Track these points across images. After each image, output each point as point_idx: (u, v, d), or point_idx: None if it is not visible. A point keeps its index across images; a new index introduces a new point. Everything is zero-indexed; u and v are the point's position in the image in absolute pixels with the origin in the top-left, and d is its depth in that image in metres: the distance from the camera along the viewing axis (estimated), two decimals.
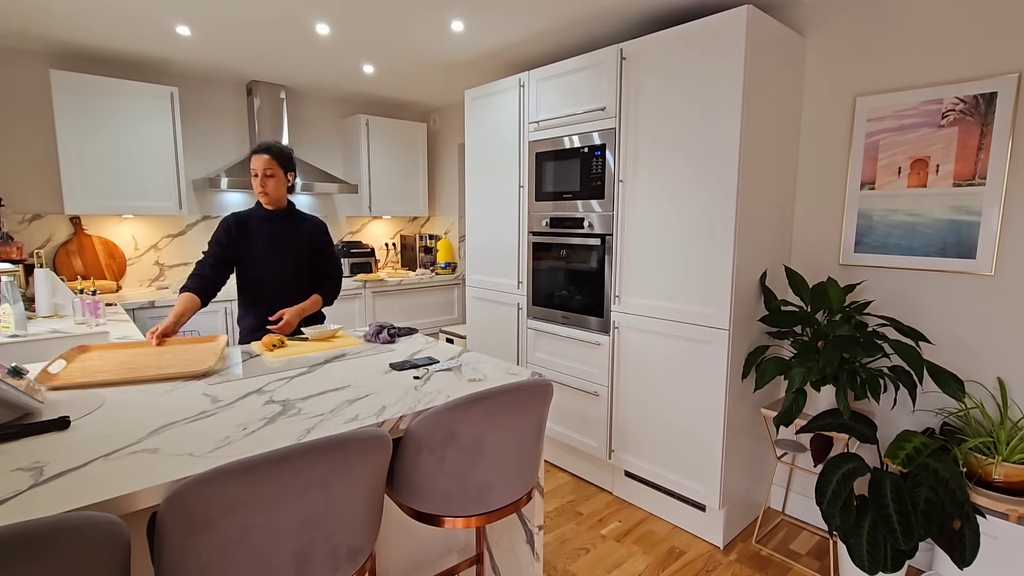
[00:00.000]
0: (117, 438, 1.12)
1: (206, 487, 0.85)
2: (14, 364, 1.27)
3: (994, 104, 1.84)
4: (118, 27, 2.66)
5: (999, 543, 1.68)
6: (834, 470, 1.84)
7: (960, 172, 1.92)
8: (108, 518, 0.78)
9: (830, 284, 2.01)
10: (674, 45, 2.16)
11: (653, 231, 2.30)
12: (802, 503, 2.44)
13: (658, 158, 2.25)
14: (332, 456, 0.96)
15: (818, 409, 2.08)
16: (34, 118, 3.06)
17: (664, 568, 2.12)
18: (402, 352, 1.87)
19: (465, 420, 1.22)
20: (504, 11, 2.45)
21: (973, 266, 1.91)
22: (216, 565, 0.89)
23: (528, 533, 1.70)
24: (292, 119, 4.04)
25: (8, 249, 2.80)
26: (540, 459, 1.46)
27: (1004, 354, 1.89)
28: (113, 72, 3.28)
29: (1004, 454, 1.70)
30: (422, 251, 4.61)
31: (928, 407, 2.07)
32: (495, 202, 3.09)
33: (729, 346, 2.09)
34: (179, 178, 3.26)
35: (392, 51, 3.03)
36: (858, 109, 2.14)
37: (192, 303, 1.97)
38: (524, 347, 3.00)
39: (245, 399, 1.37)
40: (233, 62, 3.24)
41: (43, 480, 0.94)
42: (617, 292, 2.48)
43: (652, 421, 2.39)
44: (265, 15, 2.50)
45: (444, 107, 4.58)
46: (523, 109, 2.85)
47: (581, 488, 2.73)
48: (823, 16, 2.22)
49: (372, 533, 1.12)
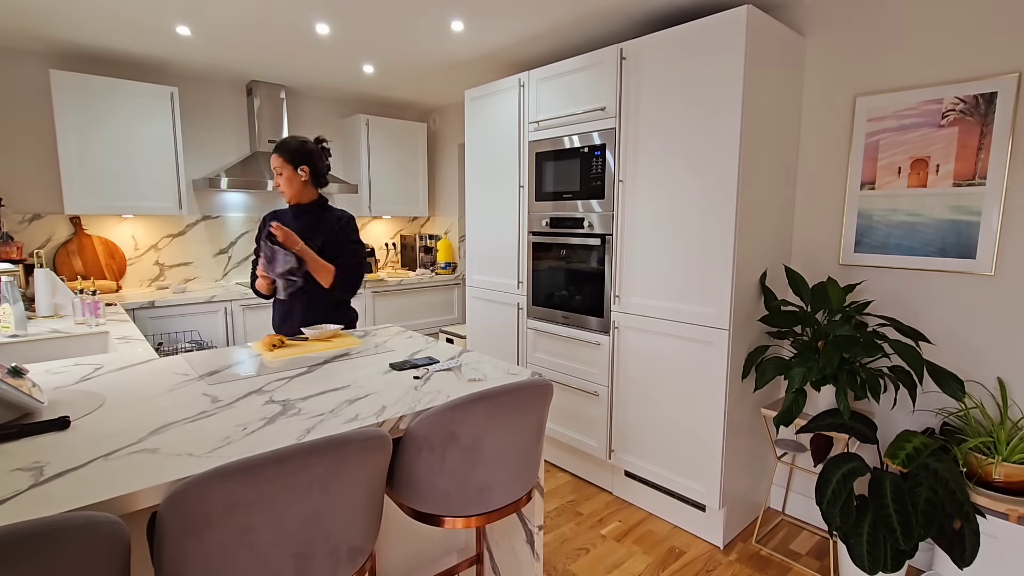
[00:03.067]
0: (117, 438, 1.12)
1: (206, 487, 0.85)
2: (14, 364, 1.26)
3: (994, 104, 1.84)
4: (118, 27, 2.66)
5: (999, 543, 1.68)
6: (834, 470, 1.84)
7: (960, 172, 1.92)
8: (108, 518, 0.78)
9: (830, 284, 2.01)
10: (674, 45, 2.16)
11: (653, 231, 2.30)
12: (802, 503, 2.44)
13: (658, 158, 2.25)
14: (332, 456, 0.96)
15: (818, 409, 2.08)
16: (34, 118, 3.06)
17: (664, 568, 2.12)
18: (402, 352, 1.87)
19: (465, 420, 1.22)
20: (504, 11, 2.45)
21: (973, 266, 1.91)
22: (216, 565, 0.89)
23: (528, 533, 1.70)
24: (292, 119, 4.04)
25: (8, 249, 2.80)
26: (540, 459, 1.46)
27: (1004, 354, 1.89)
28: (113, 72, 3.28)
29: (1004, 454, 1.70)
30: (422, 251, 4.61)
31: (928, 407, 2.07)
32: (495, 202, 3.09)
33: (729, 346, 2.09)
34: (179, 178, 3.26)
35: (392, 51, 3.03)
36: (858, 109, 2.14)
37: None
38: (524, 347, 3.00)
39: (245, 399, 1.37)
40: (233, 62, 3.24)
41: (43, 480, 0.94)
42: (617, 292, 2.48)
43: (652, 421, 2.39)
44: (265, 15, 2.50)
45: (444, 107, 4.58)
46: (523, 109, 2.85)
47: (581, 488, 2.73)
48: (823, 16, 2.22)
49: (372, 533, 1.12)
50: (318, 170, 2.07)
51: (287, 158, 2.01)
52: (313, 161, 2.05)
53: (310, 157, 2.04)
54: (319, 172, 2.08)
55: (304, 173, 2.03)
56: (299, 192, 2.06)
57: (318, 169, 2.07)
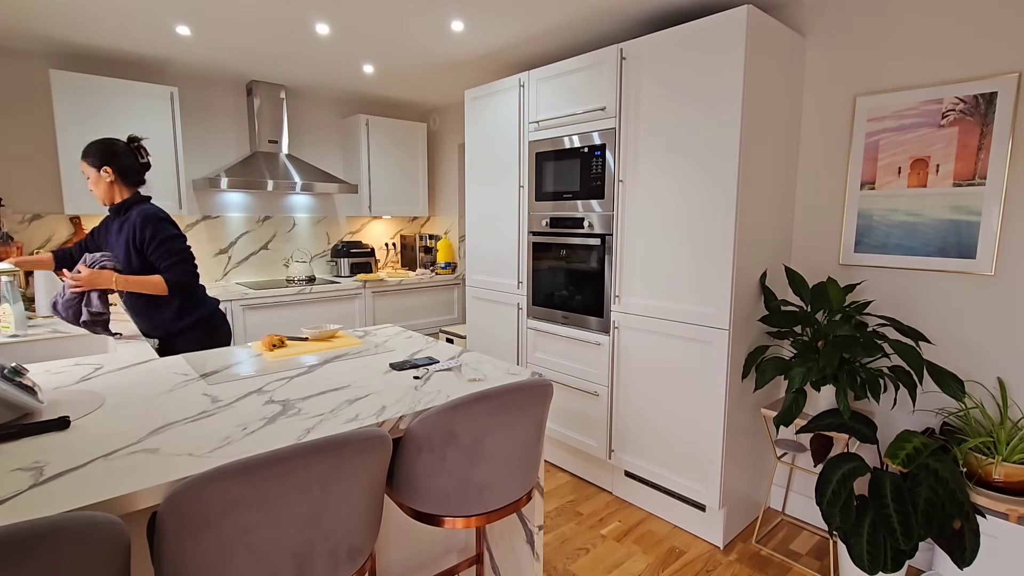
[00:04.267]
0: (117, 438, 1.12)
1: (206, 487, 0.85)
2: (14, 364, 1.26)
3: (994, 104, 1.84)
4: (118, 27, 2.66)
5: (999, 543, 1.68)
6: (834, 470, 1.84)
7: (960, 172, 1.92)
8: (108, 518, 0.78)
9: (830, 284, 2.01)
10: (674, 45, 2.16)
11: (653, 231, 2.30)
12: (802, 503, 2.44)
13: (658, 158, 2.25)
14: (332, 456, 0.96)
15: (818, 409, 2.08)
16: (34, 118, 3.06)
17: (664, 568, 2.12)
18: (402, 352, 1.87)
19: (465, 420, 1.22)
20: (504, 11, 2.45)
21: (973, 266, 1.91)
22: (216, 565, 0.89)
23: (528, 533, 1.70)
24: (292, 119, 4.04)
25: (8, 249, 2.80)
26: (540, 459, 1.46)
27: (1004, 354, 1.89)
28: (113, 72, 3.28)
29: (1004, 454, 1.70)
30: (422, 251, 4.61)
31: (928, 407, 2.07)
32: (495, 202, 3.09)
33: (729, 346, 2.09)
34: (179, 178, 3.26)
35: (392, 51, 3.03)
36: (858, 109, 2.14)
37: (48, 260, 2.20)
38: (524, 347, 3.00)
39: (245, 399, 1.37)
40: (233, 62, 3.24)
41: (43, 480, 0.94)
42: (617, 292, 2.48)
43: (652, 421, 2.39)
44: (265, 15, 2.50)
45: (444, 107, 4.58)
46: (523, 109, 2.85)
47: (581, 488, 2.73)
48: (823, 16, 2.22)
49: (372, 533, 1.12)
50: (125, 168, 2.01)
51: (89, 161, 1.99)
52: (118, 161, 2.00)
53: (115, 157, 1.99)
54: (127, 170, 2.02)
55: (108, 174, 1.99)
56: (107, 193, 2.02)
57: (124, 168, 2.01)
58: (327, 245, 4.32)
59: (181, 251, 2.03)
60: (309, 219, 4.21)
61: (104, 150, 1.99)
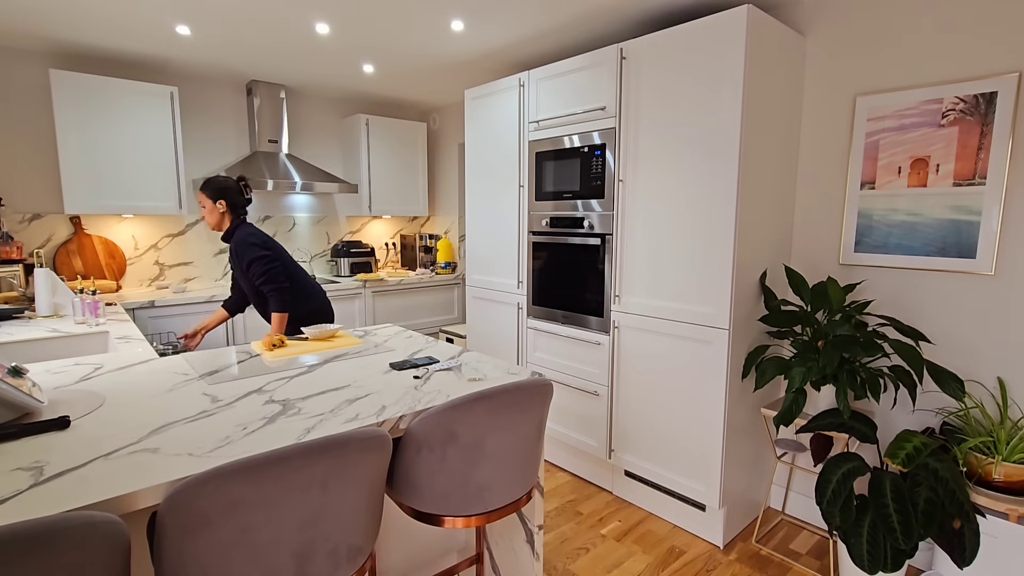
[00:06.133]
0: (117, 438, 1.12)
1: (206, 487, 0.85)
2: (14, 364, 1.26)
3: (994, 104, 1.84)
4: (118, 27, 2.66)
5: (999, 543, 1.68)
6: (834, 470, 1.84)
7: (960, 172, 1.92)
8: (108, 518, 0.78)
9: (830, 284, 2.01)
10: (674, 45, 2.16)
11: (653, 231, 2.30)
12: (802, 503, 2.44)
13: (658, 158, 2.25)
14: (332, 456, 0.96)
15: (818, 409, 2.08)
16: (34, 118, 3.06)
17: (664, 568, 2.12)
18: (402, 352, 1.87)
19: (465, 420, 1.22)
20: (504, 11, 2.45)
21: (973, 266, 1.91)
22: (216, 565, 0.89)
23: (528, 533, 1.70)
24: (292, 119, 4.04)
25: (8, 249, 2.80)
26: (540, 459, 1.46)
27: (1004, 354, 1.89)
28: (113, 72, 3.27)
29: (1004, 454, 1.70)
30: (422, 251, 4.61)
31: (928, 407, 2.07)
32: (495, 202, 3.09)
33: (729, 346, 2.09)
34: (179, 178, 3.26)
35: (392, 51, 3.03)
36: (858, 109, 2.14)
37: (225, 316, 2.67)
38: (524, 347, 3.00)
39: (245, 399, 1.37)
40: (233, 62, 3.24)
41: (43, 480, 0.94)
42: (617, 292, 2.48)
43: (652, 421, 2.39)
44: (265, 15, 2.50)
45: (444, 107, 4.58)
46: (523, 109, 2.85)
47: (581, 488, 2.73)
48: (823, 16, 2.22)
49: (372, 533, 1.12)
50: (234, 202, 2.42)
51: (207, 193, 2.37)
52: (231, 196, 2.40)
53: (228, 192, 2.39)
54: (236, 204, 2.42)
55: (222, 206, 2.39)
56: (219, 222, 2.42)
57: (234, 202, 2.42)
58: (327, 245, 4.32)
59: (264, 272, 2.37)
60: (309, 219, 4.21)
61: (220, 186, 2.39)
